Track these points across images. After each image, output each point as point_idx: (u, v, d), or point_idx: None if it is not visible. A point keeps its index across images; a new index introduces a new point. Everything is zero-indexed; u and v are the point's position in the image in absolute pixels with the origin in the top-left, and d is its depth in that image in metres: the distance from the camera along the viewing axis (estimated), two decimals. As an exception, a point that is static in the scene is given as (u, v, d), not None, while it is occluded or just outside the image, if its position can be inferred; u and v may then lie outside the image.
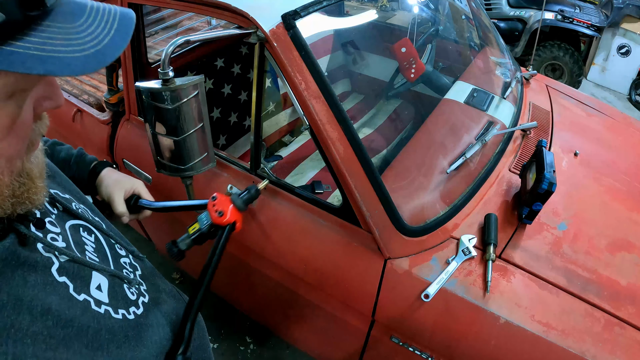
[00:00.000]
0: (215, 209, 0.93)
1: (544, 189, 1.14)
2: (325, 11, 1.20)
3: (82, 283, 0.56)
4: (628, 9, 4.32)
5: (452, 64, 2.15)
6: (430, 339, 1.10)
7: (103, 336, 0.53)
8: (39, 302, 0.47)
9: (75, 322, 0.50)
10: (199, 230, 0.91)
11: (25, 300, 0.46)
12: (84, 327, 0.51)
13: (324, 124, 1.06)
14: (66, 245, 0.58)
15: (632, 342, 1.02)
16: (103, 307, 0.57)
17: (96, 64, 0.39)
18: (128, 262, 0.71)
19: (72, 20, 0.40)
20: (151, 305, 0.67)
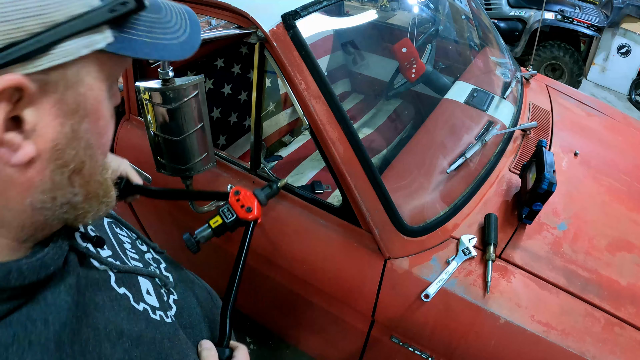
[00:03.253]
0: (241, 204, 0.94)
1: (544, 189, 1.14)
2: (325, 11, 1.20)
3: (137, 291, 0.55)
4: (628, 9, 4.32)
5: (452, 64, 2.15)
6: (430, 339, 1.10)
7: (166, 345, 0.52)
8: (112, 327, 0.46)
9: (144, 337, 0.49)
10: (222, 224, 0.93)
11: (101, 328, 0.44)
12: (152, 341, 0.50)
13: (324, 124, 1.06)
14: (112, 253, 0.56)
15: (632, 342, 1.02)
16: (157, 312, 0.55)
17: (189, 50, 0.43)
18: (151, 257, 0.70)
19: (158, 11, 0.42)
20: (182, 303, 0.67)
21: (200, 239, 0.94)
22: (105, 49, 0.37)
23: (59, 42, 0.34)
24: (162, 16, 0.42)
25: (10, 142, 0.34)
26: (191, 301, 0.71)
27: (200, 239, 0.94)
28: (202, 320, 0.71)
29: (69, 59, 0.35)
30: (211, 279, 0.93)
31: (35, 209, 0.39)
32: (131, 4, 0.37)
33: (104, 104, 0.41)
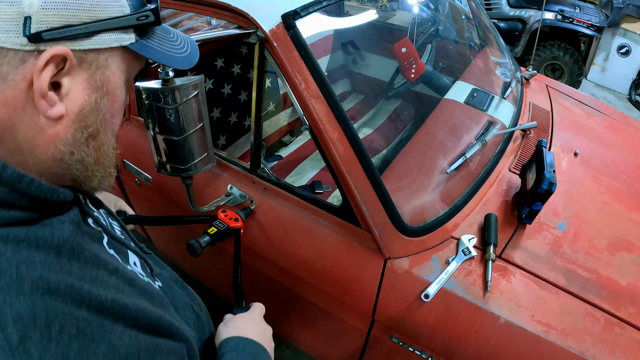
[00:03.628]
0: (228, 217, 1.17)
1: (544, 189, 1.14)
2: (325, 11, 1.20)
3: (125, 258, 0.60)
4: (628, 9, 4.32)
5: (452, 64, 2.15)
6: (430, 339, 1.10)
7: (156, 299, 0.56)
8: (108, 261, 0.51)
9: (135, 282, 0.54)
10: (218, 232, 1.12)
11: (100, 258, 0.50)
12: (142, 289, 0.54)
13: (324, 124, 1.06)
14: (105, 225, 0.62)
15: (632, 342, 1.02)
16: (146, 279, 0.60)
17: (189, 63, 0.57)
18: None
19: (168, 33, 0.57)
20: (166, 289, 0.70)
21: (202, 244, 1.09)
22: (129, 47, 0.51)
23: (99, 32, 0.47)
24: (171, 37, 0.57)
25: (49, 98, 0.45)
26: (175, 289, 0.74)
27: (202, 243, 1.09)
28: (187, 306, 0.73)
29: (103, 46, 0.48)
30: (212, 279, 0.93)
31: (56, 160, 0.48)
32: (151, 18, 0.51)
33: (120, 90, 0.53)
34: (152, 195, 1.56)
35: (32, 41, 0.43)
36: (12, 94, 0.44)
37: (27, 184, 0.45)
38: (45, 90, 0.44)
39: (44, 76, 0.44)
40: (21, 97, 0.44)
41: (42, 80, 0.44)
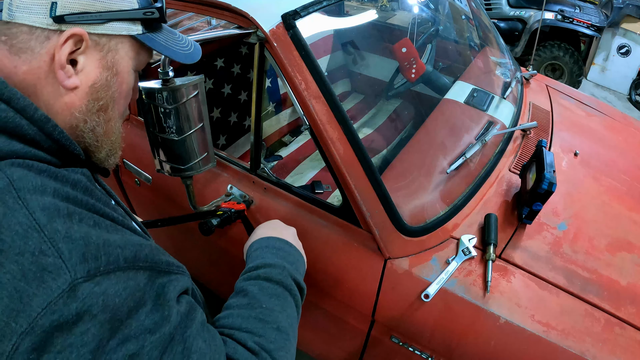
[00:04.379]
0: (231, 202, 1.22)
1: (544, 189, 1.14)
2: (325, 11, 1.20)
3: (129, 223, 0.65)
4: (628, 9, 4.32)
5: (452, 64, 2.15)
6: (430, 339, 1.10)
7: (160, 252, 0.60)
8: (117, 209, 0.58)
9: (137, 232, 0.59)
10: (224, 213, 1.16)
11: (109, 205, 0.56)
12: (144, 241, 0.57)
13: (324, 124, 1.06)
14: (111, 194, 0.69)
15: (632, 342, 1.02)
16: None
17: (192, 59, 0.66)
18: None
19: (174, 33, 0.67)
20: None
21: (209, 224, 1.13)
22: (136, 36, 0.60)
23: (111, 20, 0.56)
24: (177, 37, 0.67)
25: (67, 70, 0.55)
26: None
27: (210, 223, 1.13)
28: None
29: (114, 33, 0.57)
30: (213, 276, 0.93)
31: (72, 127, 0.57)
32: (156, 15, 0.60)
33: (128, 75, 0.61)
34: (152, 195, 1.56)
35: (56, 22, 0.53)
36: (38, 64, 0.53)
37: (52, 127, 0.53)
38: (63, 63, 0.54)
39: (63, 50, 0.53)
40: (44, 68, 0.54)
41: (62, 54, 0.53)
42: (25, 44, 0.53)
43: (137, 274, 0.49)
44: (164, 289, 0.51)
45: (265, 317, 0.62)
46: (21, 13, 0.52)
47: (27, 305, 0.41)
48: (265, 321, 0.61)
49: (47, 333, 0.41)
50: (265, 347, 0.58)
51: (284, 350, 0.61)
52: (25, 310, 0.41)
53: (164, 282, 0.52)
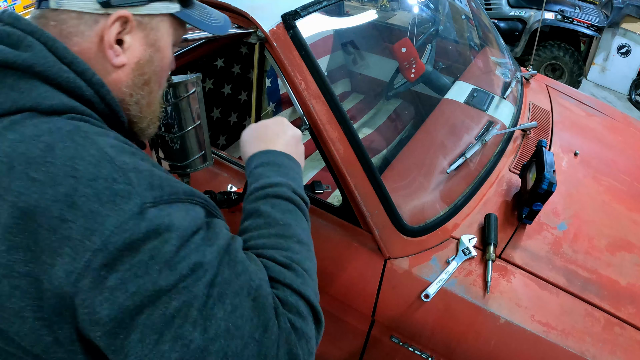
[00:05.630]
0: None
1: (544, 189, 1.14)
2: (325, 11, 1.20)
3: None
4: (628, 9, 4.32)
5: (452, 64, 2.15)
6: (430, 339, 1.10)
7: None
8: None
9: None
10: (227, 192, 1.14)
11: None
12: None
13: (324, 124, 1.06)
14: None
15: (632, 342, 1.02)
16: None
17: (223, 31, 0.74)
18: None
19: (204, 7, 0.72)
20: None
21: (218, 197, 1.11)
22: (174, 14, 0.64)
23: (152, 1, 0.61)
24: (208, 11, 0.72)
25: (115, 49, 0.60)
26: None
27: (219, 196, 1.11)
28: None
29: (155, 12, 0.62)
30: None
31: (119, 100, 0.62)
32: None
33: (168, 50, 0.67)
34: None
35: (103, 6, 0.57)
36: (88, 45, 0.58)
37: (106, 91, 0.59)
38: (112, 43, 0.59)
39: (111, 32, 0.58)
40: (94, 49, 0.59)
41: (110, 35, 0.58)
42: (75, 28, 0.58)
43: (195, 207, 0.55)
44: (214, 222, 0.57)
45: (285, 233, 0.65)
46: (69, 0, 0.57)
47: (100, 225, 0.45)
48: (286, 236, 0.65)
49: (119, 250, 0.45)
50: (294, 259, 0.62)
51: (309, 260, 0.67)
52: (98, 229, 0.45)
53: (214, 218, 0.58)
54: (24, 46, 0.54)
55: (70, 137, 0.50)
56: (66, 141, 0.49)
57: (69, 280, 0.45)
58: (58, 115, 0.53)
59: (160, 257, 0.47)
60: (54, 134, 0.50)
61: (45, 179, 0.47)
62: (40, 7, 0.59)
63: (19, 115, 0.52)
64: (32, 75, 0.53)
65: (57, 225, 0.45)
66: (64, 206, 0.46)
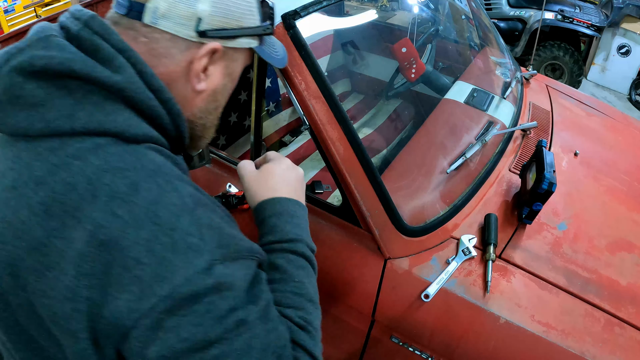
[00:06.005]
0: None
1: (544, 189, 1.14)
2: (325, 11, 1.20)
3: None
4: (628, 9, 4.32)
5: (452, 64, 2.15)
6: (430, 339, 1.10)
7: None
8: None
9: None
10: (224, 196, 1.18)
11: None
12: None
13: (324, 124, 1.06)
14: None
15: (632, 342, 1.02)
16: None
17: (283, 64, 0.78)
18: None
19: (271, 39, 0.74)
20: None
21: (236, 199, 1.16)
22: (253, 48, 0.67)
23: (239, 36, 0.63)
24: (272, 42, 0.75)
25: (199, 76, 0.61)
26: None
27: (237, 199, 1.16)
28: None
29: (240, 46, 0.64)
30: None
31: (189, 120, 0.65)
32: (270, 30, 0.67)
33: (237, 77, 0.69)
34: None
35: (200, 36, 0.58)
36: (174, 68, 0.60)
37: (182, 121, 0.62)
38: (199, 71, 0.61)
39: (202, 61, 0.60)
40: (180, 72, 0.60)
41: (200, 64, 0.60)
42: (167, 50, 0.58)
43: (252, 262, 0.58)
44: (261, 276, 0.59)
45: (300, 291, 0.67)
46: (166, 22, 0.57)
47: (171, 274, 0.48)
48: (300, 294, 0.66)
49: (183, 300, 0.48)
50: (307, 319, 0.64)
51: (318, 319, 0.68)
52: (169, 278, 0.48)
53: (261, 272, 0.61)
54: (115, 67, 0.53)
55: (153, 179, 0.52)
56: (150, 182, 0.51)
57: (131, 316, 0.47)
58: (138, 144, 0.55)
59: (215, 312, 0.50)
60: (139, 171, 0.52)
61: (128, 219, 0.48)
62: (130, 16, 0.57)
63: (102, 139, 0.52)
64: (119, 98, 0.54)
65: (132, 265, 0.47)
66: (142, 249, 0.48)
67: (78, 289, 0.47)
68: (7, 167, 0.52)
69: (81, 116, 0.51)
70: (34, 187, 0.50)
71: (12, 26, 3.68)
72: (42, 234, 0.49)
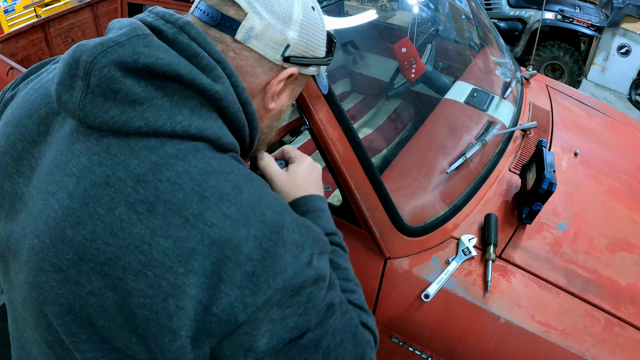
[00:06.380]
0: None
1: (544, 189, 1.14)
2: (326, 11, 1.20)
3: None
4: (628, 9, 4.32)
5: (452, 64, 2.15)
6: (430, 339, 1.10)
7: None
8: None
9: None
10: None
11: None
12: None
13: (324, 124, 1.06)
14: None
15: (632, 342, 1.02)
16: None
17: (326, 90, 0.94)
18: None
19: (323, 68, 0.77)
20: None
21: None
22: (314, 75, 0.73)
23: (310, 65, 0.66)
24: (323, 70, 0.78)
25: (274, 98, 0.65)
26: None
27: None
28: None
29: (308, 73, 0.69)
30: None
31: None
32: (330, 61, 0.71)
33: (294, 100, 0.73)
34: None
35: (284, 60, 0.62)
36: (255, 87, 0.63)
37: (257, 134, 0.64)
38: (275, 93, 0.64)
39: (280, 84, 0.64)
40: (258, 91, 0.64)
41: (278, 86, 0.64)
42: (252, 68, 0.61)
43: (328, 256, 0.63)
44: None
45: (348, 277, 0.72)
46: (257, 41, 0.59)
47: (283, 269, 0.51)
48: (349, 280, 0.71)
49: (292, 291, 0.52)
50: (362, 301, 0.69)
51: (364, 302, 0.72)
52: (282, 272, 0.51)
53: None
54: (214, 76, 0.55)
55: (250, 183, 0.55)
56: (249, 185, 0.54)
57: (246, 311, 0.49)
58: (225, 153, 0.57)
59: (315, 301, 0.54)
60: (237, 175, 0.54)
61: (238, 218, 0.50)
62: (219, 28, 0.58)
63: (200, 143, 0.54)
64: (214, 107, 0.55)
65: (244, 261, 0.49)
66: (253, 246, 0.50)
67: (185, 286, 0.47)
68: (95, 162, 0.50)
69: (181, 119, 0.52)
70: (134, 185, 0.49)
71: (12, 26, 3.69)
72: (144, 232, 0.48)
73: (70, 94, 0.50)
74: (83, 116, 0.50)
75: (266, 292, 0.50)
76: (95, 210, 0.49)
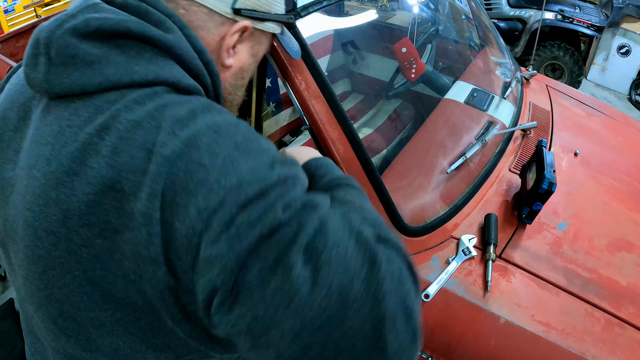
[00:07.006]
0: None
1: (544, 189, 1.14)
2: (325, 11, 1.20)
3: None
4: (628, 9, 4.32)
5: (452, 64, 2.15)
6: (430, 339, 1.10)
7: None
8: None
9: None
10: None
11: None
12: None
13: (324, 124, 1.06)
14: None
15: (632, 342, 1.02)
16: None
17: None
18: None
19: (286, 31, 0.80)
20: None
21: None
22: (276, 34, 0.73)
23: (267, 20, 0.67)
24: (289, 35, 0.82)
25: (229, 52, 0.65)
26: None
27: None
28: None
29: (266, 30, 0.68)
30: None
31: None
32: (292, 20, 0.72)
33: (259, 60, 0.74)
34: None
35: (234, 13, 0.62)
36: (208, 42, 0.63)
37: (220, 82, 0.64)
38: (229, 47, 0.64)
39: (233, 37, 0.64)
40: (213, 46, 0.64)
41: (232, 40, 0.64)
42: (203, 23, 0.62)
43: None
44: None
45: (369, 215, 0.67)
46: None
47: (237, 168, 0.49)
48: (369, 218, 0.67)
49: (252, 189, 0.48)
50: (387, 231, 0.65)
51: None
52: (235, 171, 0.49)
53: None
54: (165, 28, 0.57)
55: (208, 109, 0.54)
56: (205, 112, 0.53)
57: (201, 216, 0.46)
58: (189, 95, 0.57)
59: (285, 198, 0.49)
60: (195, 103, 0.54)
61: (189, 135, 0.49)
62: None
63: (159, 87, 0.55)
64: (169, 55, 0.57)
65: (195, 169, 0.48)
66: (205, 154, 0.48)
67: (150, 211, 0.47)
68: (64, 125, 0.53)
69: (137, 69, 0.54)
70: (99, 134, 0.50)
71: (12, 26, 3.68)
72: (113, 173, 0.49)
73: (36, 71, 0.54)
74: (49, 88, 0.53)
75: (219, 191, 0.47)
76: (71, 167, 0.51)
